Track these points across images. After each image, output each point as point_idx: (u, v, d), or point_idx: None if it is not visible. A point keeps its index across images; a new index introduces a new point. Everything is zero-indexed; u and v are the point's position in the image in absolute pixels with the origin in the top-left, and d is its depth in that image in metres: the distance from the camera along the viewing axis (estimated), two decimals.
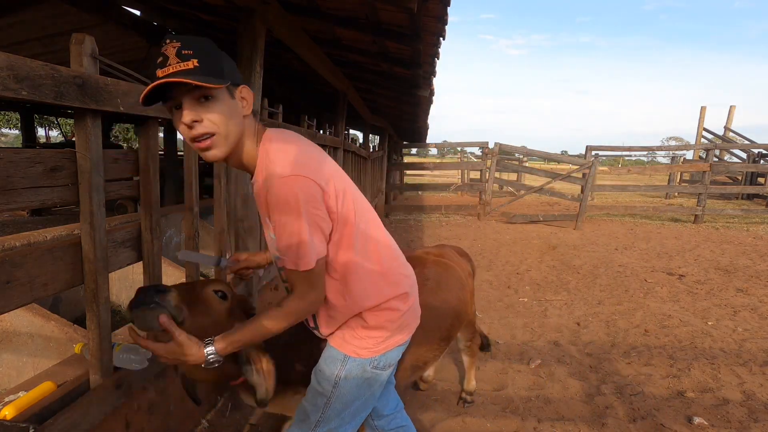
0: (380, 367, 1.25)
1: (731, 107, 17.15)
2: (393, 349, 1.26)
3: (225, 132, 1.03)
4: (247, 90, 1.09)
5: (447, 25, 2.79)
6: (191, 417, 2.08)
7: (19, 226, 5.89)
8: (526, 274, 5.18)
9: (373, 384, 1.27)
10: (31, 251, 1.18)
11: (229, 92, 1.04)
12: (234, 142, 1.07)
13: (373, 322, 1.21)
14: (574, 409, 2.44)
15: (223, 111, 1.02)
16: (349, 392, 1.23)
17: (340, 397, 1.23)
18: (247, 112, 1.08)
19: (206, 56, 0.98)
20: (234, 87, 1.05)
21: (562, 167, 19.29)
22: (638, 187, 10.23)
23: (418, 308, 1.36)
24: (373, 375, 1.25)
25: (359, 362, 1.22)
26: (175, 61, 0.96)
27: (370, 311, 1.21)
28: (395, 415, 1.55)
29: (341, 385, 1.22)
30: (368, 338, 1.22)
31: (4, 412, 1.20)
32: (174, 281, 2.82)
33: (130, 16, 4.84)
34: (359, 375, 1.23)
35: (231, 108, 1.04)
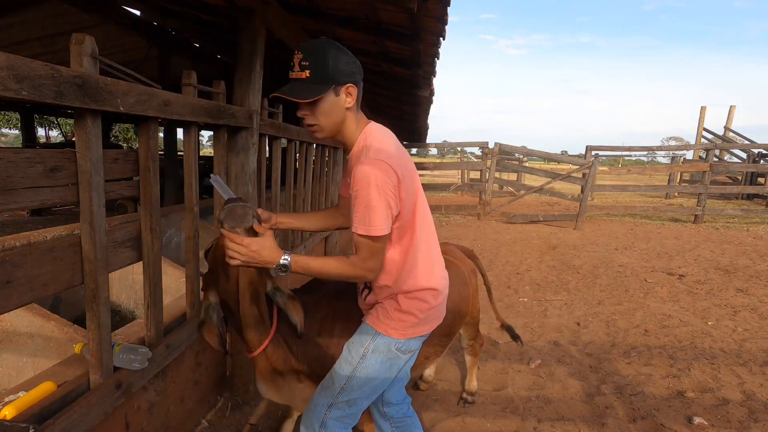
0: (403, 351, 1.42)
1: (731, 107, 17.15)
2: (416, 338, 1.43)
3: (324, 124, 1.31)
4: (353, 87, 1.29)
5: (447, 25, 2.79)
6: (191, 417, 2.08)
7: (19, 226, 5.89)
8: (526, 274, 5.18)
9: (393, 366, 1.43)
10: (31, 251, 1.18)
11: (335, 92, 1.27)
12: (334, 130, 1.33)
13: (405, 306, 1.38)
14: (574, 409, 2.44)
15: (324, 110, 1.28)
16: (373, 366, 1.40)
17: (365, 369, 1.40)
18: (350, 105, 1.30)
19: (319, 65, 1.24)
20: (340, 86, 1.27)
21: (562, 167, 19.30)
22: (638, 187, 10.22)
23: (444, 308, 1.50)
24: (395, 357, 1.41)
25: (387, 340, 1.39)
26: (297, 69, 1.26)
27: (405, 295, 1.38)
28: (402, 406, 1.66)
29: (368, 357, 1.40)
30: (398, 320, 1.39)
31: (4, 412, 1.19)
32: (174, 281, 2.82)
33: (130, 16, 4.84)
34: (384, 352, 1.40)
35: (333, 105, 1.28)
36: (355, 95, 1.31)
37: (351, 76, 1.28)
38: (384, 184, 1.22)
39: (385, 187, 1.22)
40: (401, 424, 1.66)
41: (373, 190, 1.21)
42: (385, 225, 1.24)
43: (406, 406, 1.67)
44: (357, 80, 1.31)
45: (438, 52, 3.50)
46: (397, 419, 1.66)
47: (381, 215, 1.22)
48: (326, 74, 1.24)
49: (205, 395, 2.21)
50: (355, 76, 1.30)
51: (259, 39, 2.41)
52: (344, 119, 1.32)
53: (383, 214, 1.23)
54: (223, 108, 2.02)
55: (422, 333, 1.43)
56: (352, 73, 1.29)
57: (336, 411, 1.43)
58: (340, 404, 1.42)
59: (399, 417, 1.66)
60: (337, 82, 1.26)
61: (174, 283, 2.80)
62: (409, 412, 1.67)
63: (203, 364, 2.16)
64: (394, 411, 1.65)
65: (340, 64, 1.25)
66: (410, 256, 1.37)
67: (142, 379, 1.60)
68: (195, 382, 2.09)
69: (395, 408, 1.64)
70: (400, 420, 1.66)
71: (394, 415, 1.65)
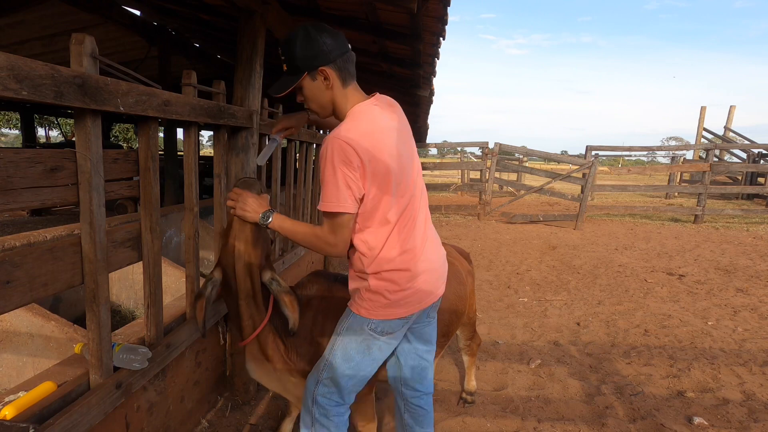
0: (377, 332, 1.43)
1: (731, 107, 17.15)
2: (392, 320, 1.43)
3: (315, 108, 1.42)
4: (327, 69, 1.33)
5: (447, 24, 2.79)
6: (191, 417, 2.08)
7: (19, 226, 5.89)
8: (526, 274, 5.18)
9: (371, 347, 1.45)
10: (31, 251, 1.18)
11: (311, 77, 1.35)
12: (328, 110, 1.42)
13: (375, 286, 1.40)
14: (574, 409, 2.44)
15: (308, 96, 1.39)
16: (349, 344, 1.45)
17: (341, 347, 1.45)
18: (329, 86, 1.36)
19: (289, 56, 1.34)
20: (313, 71, 1.33)
21: (562, 167, 19.30)
22: (638, 187, 10.21)
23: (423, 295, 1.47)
24: (371, 337, 1.44)
25: (359, 319, 1.44)
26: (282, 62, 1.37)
27: (375, 276, 1.40)
28: (422, 396, 1.67)
29: (343, 334, 1.46)
30: (369, 300, 1.41)
31: (4, 412, 1.19)
32: (174, 281, 2.82)
33: (130, 16, 4.84)
34: (358, 331, 1.44)
35: (313, 89, 1.37)
36: (332, 76, 1.34)
37: (322, 58, 1.32)
38: (338, 162, 1.26)
39: (340, 164, 1.26)
40: (414, 411, 1.68)
41: (328, 166, 1.27)
42: (336, 201, 1.28)
43: (425, 398, 1.68)
44: (330, 60, 1.33)
45: (438, 52, 3.50)
46: (411, 405, 1.68)
47: (331, 191, 1.28)
48: (295, 64, 1.33)
49: (205, 395, 2.21)
50: (327, 56, 1.32)
51: (259, 39, 2.41)
52: (331, 99, 1.38)
53: (333, 190, 1.27)
54: (223, 108, 2.02)
55: (397, 315, 1.43)
56: (324, 54, 1.31)
57: (322, 387, 1.48)
58: (325, 381, 1.48)
59: (414, 404, 1.68)
60: (309, 68, 1.33)
61: (174, 283, 2.80)
62: (425, 404, 1.69)
63: (203, 364, 2.16)
64: (411, 395, 1.66)
65: (307, 49, 1.31)
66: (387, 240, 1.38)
67: (142, 379, 1.60)
68: (195, 382, 2.09)
69: (414, 393, 1.66)
70: (413, 407, 1.68)
71: (410, 398, 1.67)
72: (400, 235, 1.40)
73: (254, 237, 1.48)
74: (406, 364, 1.61)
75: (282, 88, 1.37)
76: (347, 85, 1.38)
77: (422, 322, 1.56)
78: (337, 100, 1.39)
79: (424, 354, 1.63)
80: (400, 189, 1.38)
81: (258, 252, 1.51)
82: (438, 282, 1.53)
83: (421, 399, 1.67)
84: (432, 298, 1.50)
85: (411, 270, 1.42)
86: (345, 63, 1.36)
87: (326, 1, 2.78)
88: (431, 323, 1.62)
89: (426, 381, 1.66)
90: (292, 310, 1.53)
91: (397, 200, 1.37)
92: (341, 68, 1.35)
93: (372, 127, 1.33)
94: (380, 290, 1.40)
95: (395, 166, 1.35)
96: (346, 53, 1.36)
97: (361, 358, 1.45)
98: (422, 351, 1.62)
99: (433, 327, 1.63)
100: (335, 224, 1.32)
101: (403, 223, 1.40)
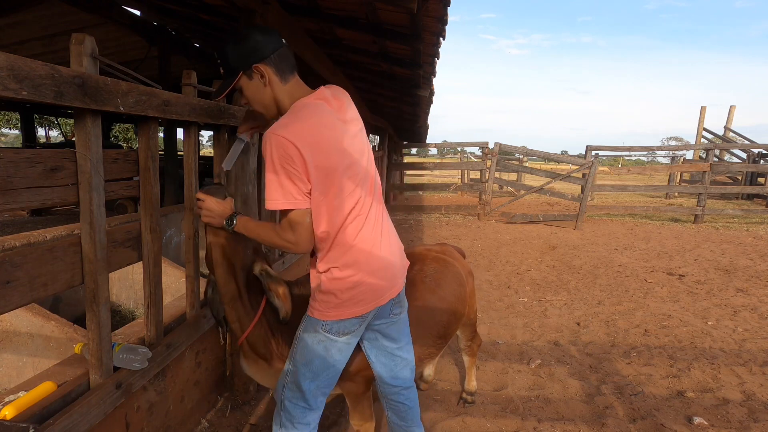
0: (332, 332, 1.40)
1: (731, 107, 17.14)
2: (347, 319, 1.40)
3: (259, 108, 1.40)
4: (261, 67, 1.31)
5: (447, 24, 2.79)
6: (191, 417, 2.08)
7: (19, 226, 5.89)
8: (526, 274, 5.18)
9: (330, 348, 1.42)
10: (31, 251, 1.18)
11: (247, 76, 1.33)
12: (273, 110, 1.39)
13: (326, 286, 1.38)
14: (574, 409, 2.44)
15: (249, 96, 1.38)
16: (307, 347, 1.42)
17: (300, 350, 1.44)
18: (267, 83, 1.33)
19: (223, 60, 1.34)
20: (248, 70, 1.32)
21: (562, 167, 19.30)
22: (638, 187, 10.21)
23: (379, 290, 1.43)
24: (326, 339, 1.41)
25: (312, 321, 1.42)
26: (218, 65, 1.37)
27: (326, 275, 1.38)
28: (401, 391, 1.65)
29: (301, 337, 1.44)
30: (320, 301, 1.39)
31: (4, 412, 1.19)
32: (174, 281, 2.82)
33: (130, 16, 4.84)
34: (312, 333, 1.42)
35: (252, 89, 1.35)
36: (269, 72, 1.32)
37: (255, 55, 1.30)
38: (278, 158, 1.23)
39: (280, 160, 1.23)
40: (396, 408, 1.67)
41: (269, 163, 1.25)
42: (282, 198, 1.26)
43: (406, 392, 1.65)
44: (264, 56, 1.30)
45: (438, 52, 3.50)
46: (392, 401, 1.66)
47: (275, 188, 1.26)
48: (230, 65, 1.33)
49: (205, 395, 2.21)
50: (260, 53, 1.30)
51: None
52: (273, 97, 1.36)
53: (277, 187, 1.25)
54: (223, 108, 2.02)
55: (351, 315, 1.39)
56: (256, 51, 1.30)
57: (288, 391, 1.47)
58: (290, 384, 1.46)
59: (394, 401, 1.66)
60: (243, 66, 1.31)
61: (174, 283, 2.80)
62: (405, 400, 1.66)
63: (203, 364, 2.16)
64: (391, 392, 1.64)
65: (239, 48, 1.30)
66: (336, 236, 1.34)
67: (142, 379, 1.60)
68: (195, 382, 2.09)
69: (393, 390, 1.64)
70: (394, 404, 1.66)
71: (389, 395, 1.65)
72: (351, 230, 1.35)
73: (229, 240, 1.48)
74: (378, 362, 1.59)
75: (220, 91, 1.36)
76: (287, 81, 1.35)
77: (385, 319, 1.51)
78: (279, 97, 1.36)
79: (395, 351, 1.59)
80: (350, 183, 1.34)
81: (238, 252, 1.51)
82: (396, 277, 1.49)
83: (400, 395, 1.64)
84: (390, 293, 1.45)
85: (363, 265, 1.37)
86: (281, 58, 1.33)
87: (326, 1, 2.78)
88: (397, 321, 1.56)
89: (401, 377, 1.62)
90: (283, 300, 1.51)
91: (347, 195, 1.33)
92: (277, 64, 1.32)
93: (312, 120, 1.29)
94: (332, 290, 1.37)
95: (341, 160, 1.31)
96: (279, 48, 1.32)
97: (321, 361, 1.43)
98: (392, 348, 1.58)
99: (400, 324, 1.58)
100: (291, 221, 1.29)
101: (354, 217, 1.36)
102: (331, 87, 1.43)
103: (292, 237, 1.31)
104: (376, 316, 1.48)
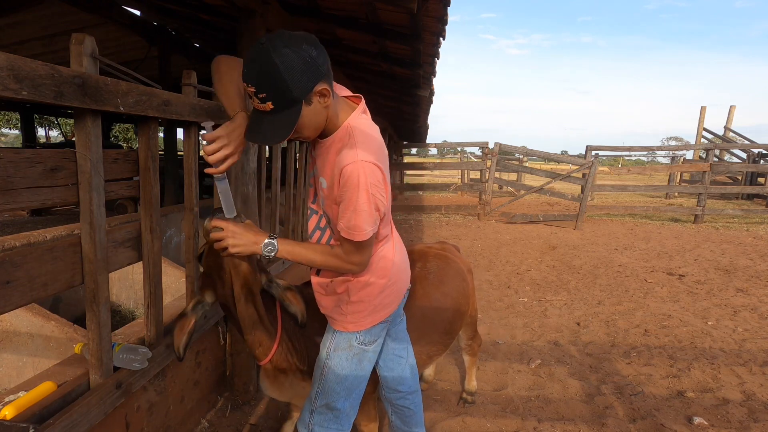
0: (366, 343, 1.39)
1: (731, 107, 17.14)
2: (377, 325, 1.40)
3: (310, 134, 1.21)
4: (322, 86, 1.11)
5: (447, 24, 2.79)
6: (191, 417, 2.08)
7: (19, 226, 5.89)
8: (526, 274, 5.18)
9: (362, 360, 1.40)
10: (31, 251, 1.18)
11: (307, 103, 1.11)
12: (321, 128, 1.22)
13: (355, 296, 1.35)
14: (574, 409, 2.44)
15: (304, 124, 1.15)
16: (340, 365, 1.38)
17: (332, 370, 1.38)
18: (328, 104, 1.16)
19: (276, 93, 1.06)
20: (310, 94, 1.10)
21: (562, 167, 19.28)
22: (638, 187, 10.21)
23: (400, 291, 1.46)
24: (360, 351, 1.39)
25: (344, 336, 1.38)
26: (257, 102, 1.09)
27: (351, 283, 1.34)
28: (407, 396, 1.64)
29: (332, 357, 1.39)
30: (353, 313, 1.36)
31: (4, 412, 1.19)
32: (174, 281, 2.82)
33: (130, 16, 4.84)
34: (346, 348, 1.38)
35: (311, 115, 1.14)
36: (328, 91, 1.13)
37: (316, 78, 1.09)
38: (372, 187, 1.16)
39: (375, 190, 1.16)
40: (400, 412, 1.66)
41: (362, 194, 1.14)
42: (371, 229, 1.20)
43: (410, 397, 1.65)
44: (322, 73, 1.10)
45: (438, 52, 3.50)
46: (397, 406, 1.65)
47: (367, 220, 1.17)
48: (290, 96, 1.07)
49: (205, 395, 2.21)
50: (318, 70, 1.08)
51: None
52: (326, 117, 1.20)
53: (370, 219, 1.17)
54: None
55: (380, 319, 1.40)
56: (315, 72, 1.08)
57: (318, 416, 1.41)
58: (320, 409, 1.40)
59: (399, 405, 1.65)
60: (305, 94, 1.09)
61: (174, 283, 2.80)
62: (410, 404, 1.66)
63: (203, 364, 2.16)
64: (395, 398, 1.64)
65: (297, 75, 1.05)
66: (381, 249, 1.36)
67: (142, 379, 1.60)
68: (195, 382, 2.09)
69: (398, 395, 1.63)
70: (400, 408, 1.65)
71: (394, 400, 1.64)
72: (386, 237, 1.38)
73: (250, 269, 1.34)
74: (385, 366, 1.58)
75: (285, 133, 1.10)
76: (336, 95, 1.22)
77: (395, 320, 1.54)
78: (332, 114, 1.21)
79: (401, 352, 1.60)
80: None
81: (256, 278, 1.39)
82: (408, 272, 1.52)
83: (405, 399, 1.64)
84: (405, 290, 1.49)
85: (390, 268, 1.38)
86: (330, 69, 1.15)
87: (326, 1, 2.78)
88: (403, 320, 1.61)
89: (406, 381, 1.63)
90: (297, 304, 1.48)
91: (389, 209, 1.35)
92: (330, 78, 1.15)
93: (378, 138, 1.24)
94: (362, 298, 1.35)
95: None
96: (327, 57, 1.14)
97: (354, 376, 1.40)
98: (398, 350, 1.59)
99: (404, 324, 1.61)
100: (362, 245, 1.22)
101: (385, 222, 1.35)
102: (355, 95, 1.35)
103: (360, 259, 1.26)
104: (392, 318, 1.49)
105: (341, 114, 1.23)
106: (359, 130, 1.21)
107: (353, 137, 1.18)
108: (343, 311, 1.37)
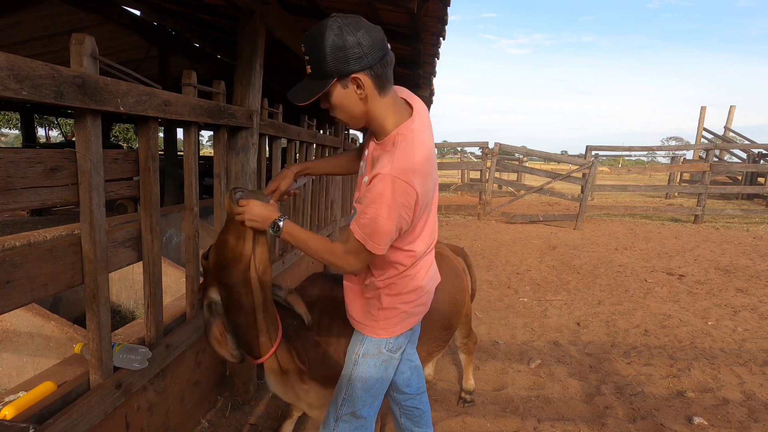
0: (393, 350, 1.39)
1: (731, 107, 17.14)
2: (406, 332, 1.40)
3: (344, 119, 1.21)
4: (362, 76, 1.11)
5: (447, 24, 2.79)
6: (191, 417, 2.08)
7: (19, 226, 5.89)
8: (526, 274, 5.18)
9: (389, 366, 1.40)
10: (31, 251, 1.18)
11: (341, 84, 1.12)
12: (360, 121, 1.21)
13: (387, 303, 1.34)
14: (574, 409, 2.44)
15: (336, 105, 1.17)
16: (368, 371, 1.37)
17: (360, 376, 1.37)
18: (363, 96, 1.14)
19: (317, 59, 1.10)
20: (344, 77, 1.11)
21: (562, 167, 19.29)
22: (638, 187, 10.21)
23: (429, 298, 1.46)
24: (388, 357, 1.38)
25: (376, 342, 1.37)
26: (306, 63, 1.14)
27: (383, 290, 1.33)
28: (414, 396, 1.65)
29: (360, 363, 1.37)
30: (384, 319, 1.35)
31: (4, 412, 1.19)
32: (174, 281, 2.82)
33: (130, 16, 4.84)
34: (376, 354, 1.37)
35: (343, 98, 1.15)
36: (367, 84, 1.12)
37: (356, 63, 1.09)
38: (400, 206, 1.13)
39: (400, 209, 1.13)
40: (410, 413, 1.66)
41: (384, 209, 1.12)
42: (385, 246, 1.18)
43: (418, 398, 1.66)
44: (366, 65, 1.09)
45: (438, 51, 3.50)
46: (406, 407, 1.66)
47: (384, 237, 1.15)
48: (324, 69, 1.10)
49: (205, 395, 2.21)
50: (363, 60, 1.09)
51: (259, 39, 2.41)
52: (366, 111, 1.18)
53: (387, 236, 1.15)
54: (223, 108, 2.02)
55: (410, 326, 1.41)
56: (360, 58, 1.08)
57: (343, 425, 1.39)
58: (345, 417, 1.39)
59: (408, 406, 1.65)
60: (339, 73, 1.10)
61: (174, 283, 2.80)
62: (419, 404, 1.67)
63: (203, 364, 2.16)
64: (403, 399, 1.64)
65: (339, 52, 1.07)
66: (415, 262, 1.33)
67: (142, 379, 1.60)
68: (195, 382, 2.09)
69: (405, 397, 1.64)
70: (408, 409, 1.66)
71: (402, 402, 1.65)
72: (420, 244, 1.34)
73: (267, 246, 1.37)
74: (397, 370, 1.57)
75: (307, 96, 1.14)
76: (385, 95, 1.17)
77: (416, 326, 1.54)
78: (375, 113, 1.18)
79: (412, 356, 1.62)
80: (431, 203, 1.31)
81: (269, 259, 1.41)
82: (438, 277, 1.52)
83: (413, 400, 1.65)
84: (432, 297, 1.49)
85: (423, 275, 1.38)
86: (383, 68, 1.13)
87: (326, 0, 2.77)
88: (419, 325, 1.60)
89: (414, 383, 1.63)
90: (301, 307, 1.49)
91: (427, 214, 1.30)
92: (378, 75, 1.12)
93: (424, 154, 1.19)
94: (394, 305, 1.34)
95: (433, 186, 1.27)
96: (385, 56, 1.12)
97: (381, 383, 1.39)
98: (411, 354, 1.61)
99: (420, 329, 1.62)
100: (364, 253, 1.20)
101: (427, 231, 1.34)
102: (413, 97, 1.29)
103: (355, 263, 1.23)
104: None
105: (393, 117, 1.20)
106: (406, 138, 1.18)
107: (396, 146, 1.17)
108: (376, 316, 1.35)
